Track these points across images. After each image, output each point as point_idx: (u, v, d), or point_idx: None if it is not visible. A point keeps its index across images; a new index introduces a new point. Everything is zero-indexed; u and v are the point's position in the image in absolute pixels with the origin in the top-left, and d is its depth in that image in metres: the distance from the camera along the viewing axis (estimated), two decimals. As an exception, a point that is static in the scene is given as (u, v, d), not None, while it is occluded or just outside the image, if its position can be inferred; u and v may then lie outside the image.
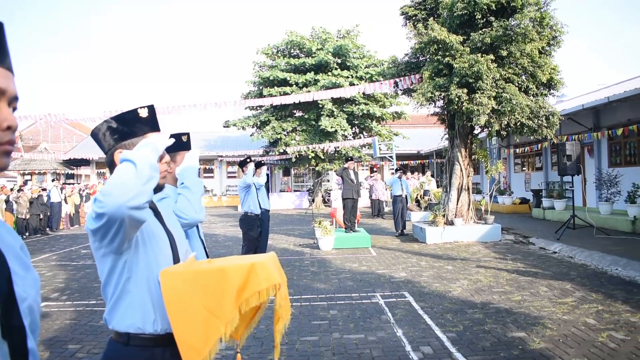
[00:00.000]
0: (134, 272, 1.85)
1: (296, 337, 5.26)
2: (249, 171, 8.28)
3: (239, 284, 1.78)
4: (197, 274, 1.84)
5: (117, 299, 1.87)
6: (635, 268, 8.11)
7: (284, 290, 1.92)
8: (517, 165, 26.36)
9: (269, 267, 1.86)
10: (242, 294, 1.78)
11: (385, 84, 14.23)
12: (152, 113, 2.11)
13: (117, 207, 1.60)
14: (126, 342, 1.87)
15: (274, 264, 1.94)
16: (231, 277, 1.78)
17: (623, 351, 4.55)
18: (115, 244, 1.75)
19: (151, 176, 1.71)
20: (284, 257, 10.74)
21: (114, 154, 2.02)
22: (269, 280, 1.82)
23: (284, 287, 1.95)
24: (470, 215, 13.15)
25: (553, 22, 12.09)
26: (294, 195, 30.03)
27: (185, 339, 1.77)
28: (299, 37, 27.04)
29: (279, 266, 2.03)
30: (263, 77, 26.39)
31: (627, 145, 17.56)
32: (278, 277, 1.87)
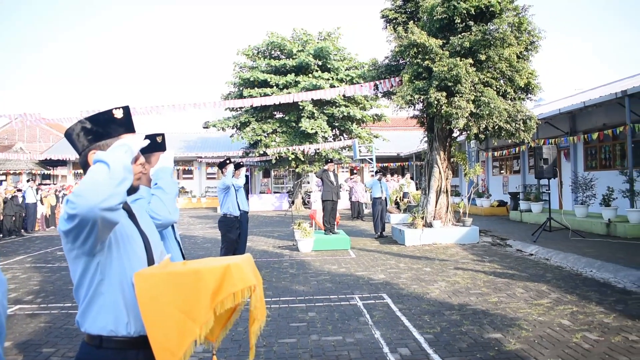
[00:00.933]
0: (107, 274, 1.83)
1: (274, 339, 5.24)
2: (228, 172, 8.24)
3: (214, 286, 1.77)
4: (172, 276, 1.82)
5: (90, 301, 1.84)
6: (609, 270, 8.25)
7: (259, 291, 1.92)
8: (495, 168, 26.65)
9: (244, 269, 1.85)
10: (217, 295, 1.77)
11: (366, 87, 14.29)
12: (127, 114, 2.09)
13: (89, 209, 1.58)
14: (99, 345, 1.85)
15: (249, 266, 1.94)
16: (206, 278, 1.78)
17: (596, 352, 4.62)
18: (87, 245, 1.73)
19: (124, 177, 1.70)
20: (263, 258, 10.71)
21: (87, 155, 1.99)
22: (244, 281, 1.81)
23: (260, 289, 1.94)
24: (449, 218, 13.26)
25: (531, 27, 12.25)
26: (274, 197, 29.98)
27: (159, 341, 1.75)
28: (280, 38, 27.01)
29: (255, 268, 2.02)
30: (243, 78, 26.30)
31: (602, 150, 17.87)
32: (253, 278, 1.87)
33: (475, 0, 11.54)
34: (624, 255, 9.42)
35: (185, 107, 14.26)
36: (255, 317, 1.96)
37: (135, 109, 13.90)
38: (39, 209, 18.95)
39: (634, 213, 12.38)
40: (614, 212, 12.93)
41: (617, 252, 9.85)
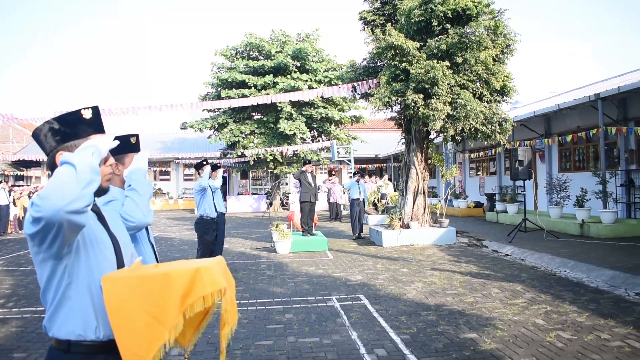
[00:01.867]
0: (75, 277, 1.80)
1: (251, 341, 5.21)
2: (205, 174, 8.19)
3: (184, 289, 1.75)
4: (141, 279, 1.80)
5: (57, 305, 1.81)
6: (582, 270, 8.39)
7: (230, 295, 1.90)
8: (472, 170, 26.93)
9: (214, 272, 1.83)
10: (186, 299, 1.75)
11: (344, 88, 14.31)
12: (97, 114, 2.06)
13: (54, 212, 1.55)
14: (66, 350, 1.82)
15: (220, 269, 1.92)
16: (175, 282, 1.75)
17: (570, 350, 4.68)
18: (54, 248, 1.70)
19: (92, 179, 1.67)
20: (241, 260, 10.66)
21: (55, 156, 1.95)
22: (214, 285, 1.79)
23: (231, 292, 1.93)
24: (426, 219, 13.34)
25: (507, 31, 12.39)
26: (252, 199, 29.86)
27: (127, 345, 1.73)
28: (258, 39, 26.92)
29: (227, 271, 2.00)
30: (221, 79, 26.15)
31: (576, 152, 18.18)
32: (224, 281, 1.85)
33: (452, 4, 11.63)
34: (597, 255, 9.58)
35: (162, 108, 14.12)
36: (226, 321, 1.94)
37: (111, 110, 13.73)
38: (11, 211, 18.57)
39: (607, 214, 12.61)
40: (588, 213, 13.15)
41: (590, 252, 10.01)
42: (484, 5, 12.12)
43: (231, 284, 1.97)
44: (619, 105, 15.35)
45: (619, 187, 15.18)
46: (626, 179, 15.21)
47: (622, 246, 10.68)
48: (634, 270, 7.90)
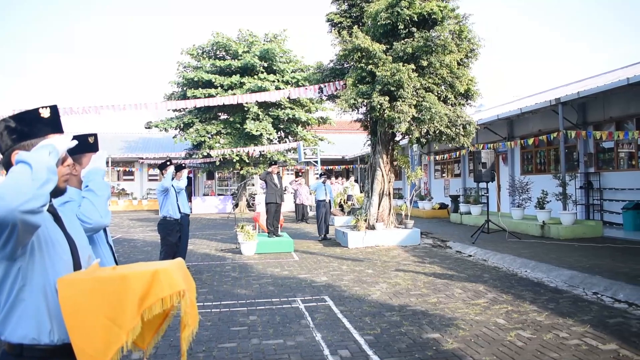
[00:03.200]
0: (29, 279, 1.75)
1: (214, 344, 5.16)
2: (168, 174, 8.08)
3: (141, 291, 1.72)
4: (97, 281, 1.76)
5: (10, 308, 1.76)
6: (542, 270, 8.58)
7: (190, 297, 1.87)
8: (437, 172, 27.29)
9: (173, 274, 1.81)
10: (144, 301, 1.72)
11: (310, 89, 14.32)
12: (55, 113, 2.01)
13: (8, 211, 1.51)
14: (19, 354, 1.77)
15: (179, 271, 1.89)
16: (133, 284, 1.72)
17: (529, 349, 4.78)
18: (7, 249, 1.65)
19: (48, 179, 1.62)
20: (205, 262, 10.55)
21: (11, 155, 1.90)
22: (172, 287, 1.77)
23: (191, 294, 1.90)
24: (391, 220, 13.44)
25: (471, 35, 12.61)
26: (218, 199, 29.60)
27: (83, 349, 1.69)
28: (225, 38, 26.74)
29: (186, 273, 1.98)
30: (187, 78, 25.88)
31: (538, 154, 18.63)
32: (183, 283, 1.82)
33: (418, 8, 11.76)
34: (557, 255, 9.81)
35: (126, 108, 13.87)
36: (186, 323, 1.91)
37: (72, 109, 13.42)
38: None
39: (566, 215, 12.92)
40: (548, 215, 13.45)
41: (550, 252, 10.24)
42: (449, 10, 12.29)
43: (191, 286, 1.94)
44: (579, 109, 15.79)
45: (578, 190, 15.62)
46: (585, 182, 15.65)
47: (581, 247, 10.96)
48: (592, 270, 8.12)
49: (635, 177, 13.80)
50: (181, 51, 27.02)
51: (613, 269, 8.20)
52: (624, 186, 14.31)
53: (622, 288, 6.92)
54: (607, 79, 13.81)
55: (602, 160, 15.72)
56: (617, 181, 14.64)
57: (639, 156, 14.30)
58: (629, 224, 13.30)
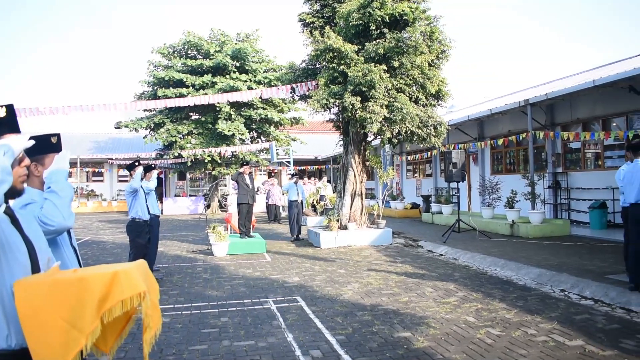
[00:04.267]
0: (-15, 283, 1.69)
1: (184, 346, 5.09)
2: (137, 175, 7.96)
3: (101, 293, 1.67)
4: (55, 284, 1.71)
5: (-35, 313, 1.69)
6: (511, 268, 8.70)
7: (152, 298, 1.84)
8: (409, 172, 27.49)
9: (133, 275, 1.76)
10: (104, 303, 1.68)
11: (283, 89, 14.28)
12: (11, 113, 1.95)
13: None
14: None
15: (141, 272, 1.85)
16: (92, 286, 1.68)
17: (498, 346, 4.83)
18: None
19: (2, 180, 1.57)
20: (176, 264, 10.43)
21: None
22: (133, 288, 1.73)
23: (153, 296, 1.86)
24: (363, 220, 13.49)
25: (442, 37, 12.74)
26: (189, 200, 29.31)
27: (42, 353, 1.64)
28: (197, 37, 26.51)
29: (149, 274, 1.94)
30: (158, 77, 25.59)
31: (508, 155, 18.90)
32: (144, 285, 1.78)
33: (390, 9, 11.82)
34: (526, 254, 9.96)
35: (95, 108, 13.60)
36: (147, 325, 1.87)
37: (39, 109, 13.12)
38: None
39: (535, 214, 13.13)
40: (517, 214, 13.66)
41: (519, 251, 10.40)
42: (420, 11, 12.39)
43: (153, 288, 1.90)
44: (547, 110, 16.09)
45: (546, 189, 15.91)
46: (553, 181, 15.95)
47: (549, 245, 11.16)
48: (559, 268, 8.27)
49: (601, 177, 14.11)
50: (152, 50, 26.71)
51: (580, 266, 8.37)
52: (590, 186, 14.62)
53: (589, 285, 7.06)
54: (574, 81, 14.09)
55: (569, 160, 16.03)
56: (584, 181, 14.95)
57: (605, 156, 14.63)
58: (596, 223, 13.59)
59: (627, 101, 13.12)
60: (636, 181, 6.56)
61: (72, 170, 30.47)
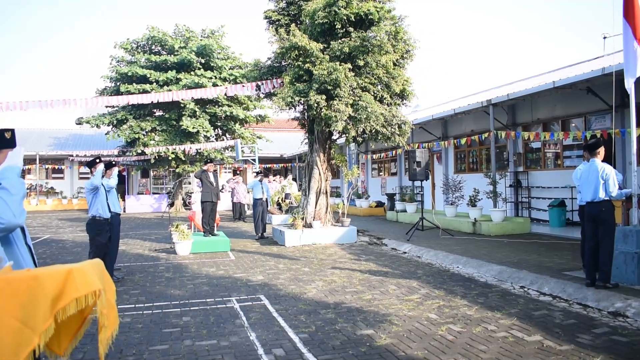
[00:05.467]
0: None
1: (145, 346, 5.01)
2: (97, 172, 7.79)
3: (54, 292, 1.63)
4: (6, 283, 1.66)
5: None
6: (473, 265, 8.85)
7: (108, 297, 1.80)
8: (374, 170, 27.69)
9: (88, 274, 1.72)
10: (58, 302, 1.63)
11: (248, 87, 14.19)
12: None
13: None
14: None
15: (96, 270, 1.81)
16: (45, 285, 1.63)
17: (459, 342, 4.91)
18: None
19: None
20: (138, 263, 10.26)
21: None
22: (87, 286, 1.68)
23: (110, 295, 1.82)
24: (328, 218, 13.52)
25: (407, 36, 12.84)
26: (153, 198, 28.85)
27: (-7, 353, 1.58)
28: (161, 33, 26.08)
29: (104, 273, 1.89)
30: (121, 73, 25.09)
31: (470, 154, 19.22)
32: (99, 283, 1.74)
33: (355, 8, 11.87)
34: (487, 251, 10.15)
35: (54, 104, 13.23)
36: (103, 324, 1.83)
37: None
38: None
39: (496, 213, 13.40)
40: (479, 212, 13.90)
41: (481, 248, 10.59)
42: (385, 11, 12.47)
43: (109, 287, 1.86)
44: (509, 111, 16.42)
45: (507, 188, 16.25)
46: (514, 180, 16.29)
47: (510, 242, 11.39)
48: (519, 265, 8.45)
49: (560, 176, 14.48)
50: (114, 45, 26.15)
51: (539, 263, 8.57)
52: (550, 184, 14.98)
53: (547, 282, 7.24)
54: (535, 82, 14.40)
55: (530, 159, 16.40)
56: (544, 180, 15.32)
57: (564, 156, 15.01)
58: (555, 221, 13.95)
59: (585, 102, 13.49)
60: (592, 180, 6.75)
61: (31, 167, 29.71)
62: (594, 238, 6.75)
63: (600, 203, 6.69)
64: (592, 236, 6.80)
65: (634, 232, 6.78)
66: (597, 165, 6.78)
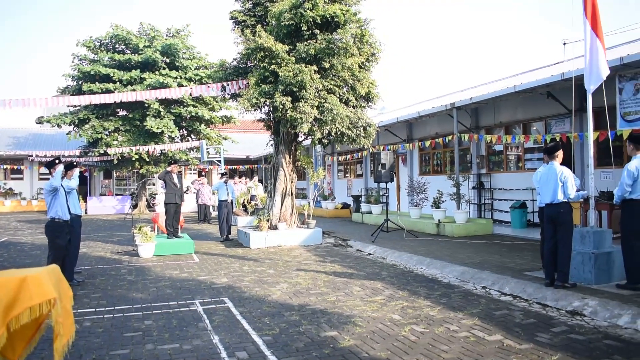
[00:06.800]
0: None
1: (105, 351, 4.91)
2: (57, 173, 7.62)
3: (7, 300, 1.58)
4: (-44, 290, 1.60)
5: None
6: (437, 266, 8.97)
7: (64, 305, 1.76)
8: (340, 172, 27.78)
9: (43, 281, 1.68)
10: (10, 310, 1.59)
11: (213, 88, 14.07)
12: None
13: None
14: None
15: (52, 278, 1.77)
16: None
17: (421, 343, 4.97)
18: None
19: None
20: (99, 265, 10.06)
21: None
22: (42, 295, 1.64)
23: (66, 302, 1.79)
24: (294, 220, 13.51)
25: (372, 39, 12.93)
26: (115, 200, 28.35)
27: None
28: (125, 31, 25.67)
29: (61, 279, 1.85)
30: (83, 71, 24.59)
31: (435, 156, 19.47)
32: (54, 291, 1.70)
33: (321, 10, 11.89)
34: (450, 252, 10.30)
35: (12, 104, 12.84)
36: (58, 333, 1.78)
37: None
38: None
39: (460, 214, 13.60)
40: (443, 214, 14.09)
41: (444, 249, 10.73)
42: (351, 13, 12.52)
43: (66, 294, 1.82)
44: (472, 114, 16.70)
45: (471, 190, 16.51)
46: (477, 182, 16.57)
47: (473, 243, 11.58)
48: (481, 265, 8.60)
49: (522, 178, 14.79)
50: (77, 43, 25.61)
51: (501, 264, 8.74)
52: (512, 186, 15.29)
53: (508, 282, 7.38)
54: (497, 86, 14.69)
55: (492, 162, 16.71)
56: (506, 182, 15.63)
57: (525, 159, 15.34)
58: (516, 222, 14.23)
59: (545, 107, 13.82)
60: (551, 182, 6.92)
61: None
62: (553, 239, 6.91)
63: (558, 205, 6.86)
64: (551, 237, 6.96)
65: (591, 233, 6.98)
66: (556, 168, 6.95)
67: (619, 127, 10.21)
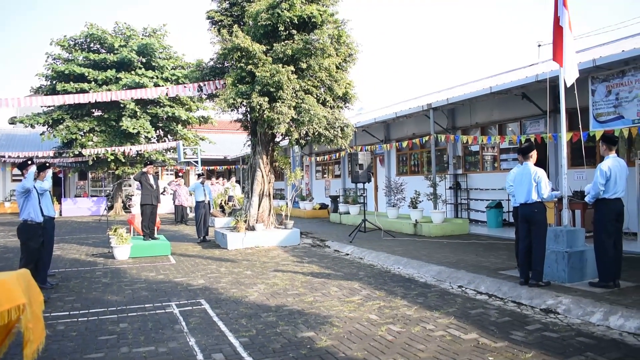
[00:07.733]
0: None
1: (79, 355, 4.85)
2: (29, 174, 7.49)
3: None
4: None
5: None
6: (413, 266, 9.03)
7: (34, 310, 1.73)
8: (318, 173, 27.81)
9: (12, 287, 1.65)
10: None
11: (190, 88, 13.97)
12: None
13: None
14: None
15: (22, 283, 1.74)
16: (-37, 298, 1.55)
17: (398, 342, 5.00)
18: None
19: None
20: (74, 268, 9.92)
21: None
22: (10, 300, 1.62)
23: (36, 307, 1.76)
24: (271, 221, 13.49)
25: (349, 40, 12.96)
26: (91, 201, 27.97)
27: None
28: (100, 30, 25.35)
29: (31, 284, 1.83)
30: (57, 71, 24.20)
31: (412, 157, 19.61)
32: (23, 297, 1.68)
33: (299, 10, 11.89)
34: (427, 252, 10.38)
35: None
36: (28, 339, 1.76)
37: None
38: None
39: (436, 214, 13.72)
40: (420, 214, 14.19)
41: (421, 249, 10.81)
42: (328, 14, 12.54)
43: (36, 299, 1.80)
44: (449, 115, 16.86)
45: (447, 190, 16.67)
46: (454, 182, 16.74)
47: (449, 243, 11.69)
48: (458, 265, 8.69)
49: (497, 178, 14.97)
50: (50, 41, 25.21)
51: (476, 263, 8.84)
52: (487, 186, 15.48)
53: (484, 281, 7.47)
54: (473, 87, 14.85)
55: (469, 162, 16.89)
56: (482, 182, 15.81)
57: (500, 159, 15.54)
58: (492, 222, 14.41)
59: (520, 108, 14.02)
60: (525, 183, 7.02)
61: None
62: (527, 238, 7.01)
63: (532, 204, 6.96)
64: (525, 236, 7.06)
65: (564, 232, 7.10)
66: (530, 168, 7.05)
67: (592, 128, 10.40)
